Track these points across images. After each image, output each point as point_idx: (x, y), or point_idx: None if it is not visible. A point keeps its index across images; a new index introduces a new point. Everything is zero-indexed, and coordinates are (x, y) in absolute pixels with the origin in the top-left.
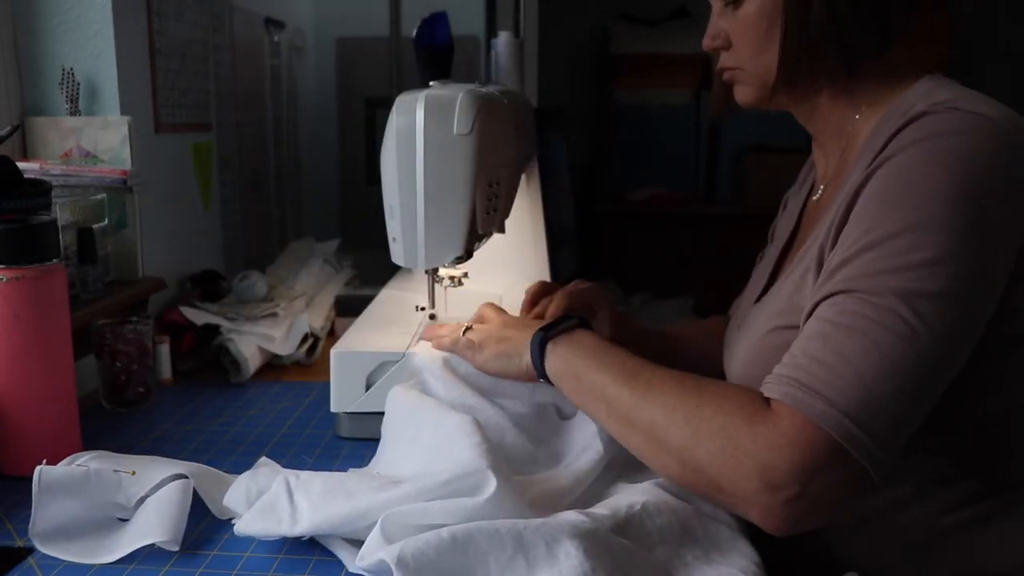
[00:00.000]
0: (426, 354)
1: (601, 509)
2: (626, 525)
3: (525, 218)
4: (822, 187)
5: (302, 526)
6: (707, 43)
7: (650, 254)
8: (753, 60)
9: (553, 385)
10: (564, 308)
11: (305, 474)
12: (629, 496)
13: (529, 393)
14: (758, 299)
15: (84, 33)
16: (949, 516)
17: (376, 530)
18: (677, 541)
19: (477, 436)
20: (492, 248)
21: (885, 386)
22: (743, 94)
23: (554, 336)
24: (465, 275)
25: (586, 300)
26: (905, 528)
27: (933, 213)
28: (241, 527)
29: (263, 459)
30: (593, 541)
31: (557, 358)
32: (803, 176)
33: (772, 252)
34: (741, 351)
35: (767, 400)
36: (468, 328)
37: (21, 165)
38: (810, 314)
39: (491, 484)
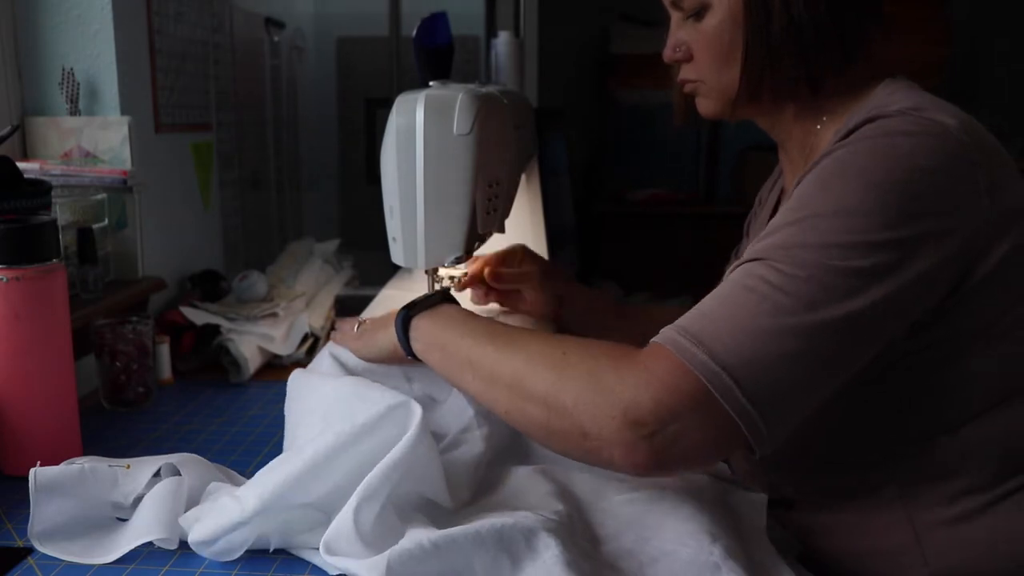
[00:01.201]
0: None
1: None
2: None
3: (525, 218)
4: (790, 193)
5: (251, 503)
6: (667, 55)
7: (650, 254)
8: (715, 74)
9: (421, 362)
10: (479, 274)
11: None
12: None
13: (407, 386)
14: None
15: (84, 33)
16: (932, 514)
17: (349, 516)
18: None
19: (379, 384)
20: (492, 248)
21: (773, 349)
22: (705, 107)
23: (417, 313)
24: (465, 275)
25: (514, 279)
26: (888, 527)
27: (863, 203)
28: (195, 536)
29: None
30: (563, 535)
31: (421, 333)
32: (772, 181)
33: (741, 248)
34: None
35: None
36: (363, 323)
37: (21, 165)
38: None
39: (416, 412)
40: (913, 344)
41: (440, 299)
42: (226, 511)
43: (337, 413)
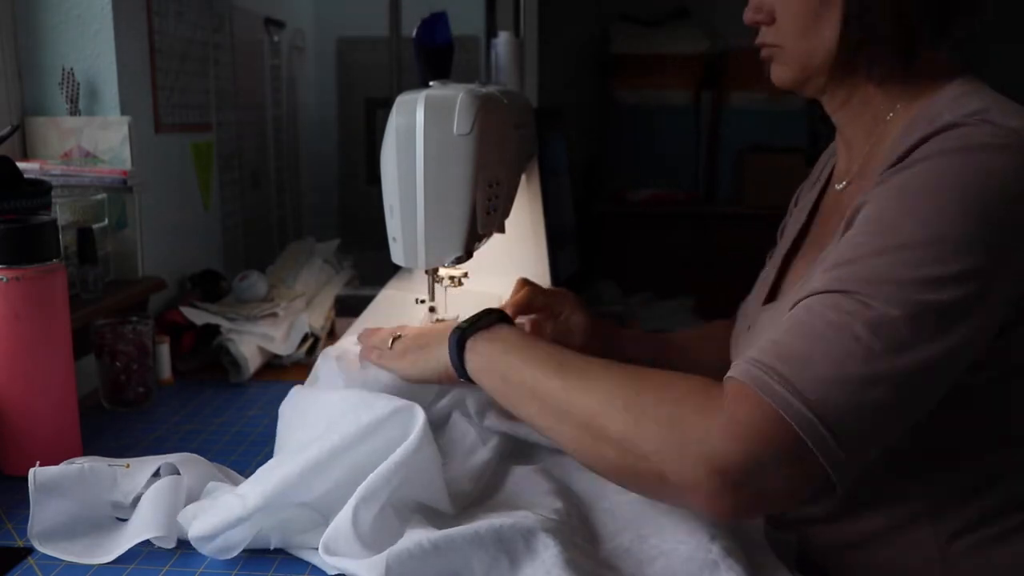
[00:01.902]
0: (329, 364)
1: (543, 511)
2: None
3: (525, 218)
4: (845, 181)
5: (253, 500)
6: (748, 16)
7: (650, 254)
8: (797, 40)
9: (475, 384)
10: (521, 305)
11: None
12: (554, 500)
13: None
14: (767, 300)
15: (84, 33)
16: (959, 537)
17: (348, 517)
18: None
19: (385, 395)
20: (492, 248)
21: (868, 396)
22: (780, 74)
23: (473, 333)
24: (465, 275)
25: (546, 303)
26: (912, 549)
27: (953, 230)
28: (195, 531)
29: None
30: (561, 535)
31: (477, 355)
32: (817, 171)
33: (780, 250)
34: None
35: (722, 386)
36: (397, 338)
37: (21, 165)
38: (798, 304)
39: (419, 416)
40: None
41: (497, 318)
42: (228, 507)
43: (342, 419)
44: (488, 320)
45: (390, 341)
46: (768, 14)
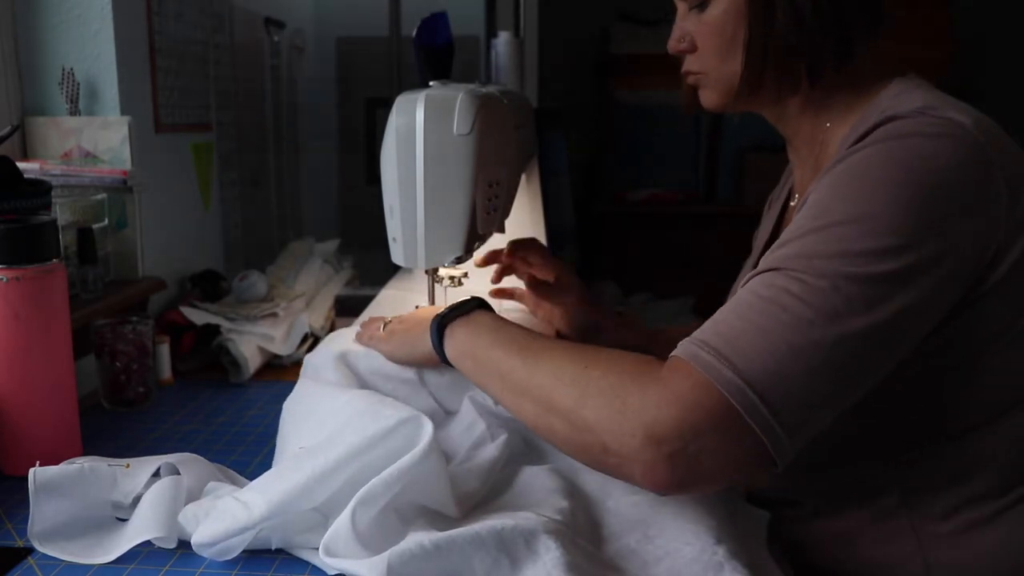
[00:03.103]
0: (322, 353)
1: (548, 511)
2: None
3: (525, 218)
4: (797, 195)
5: (259, 510)
6: (672, 46)
7: (650, 254)
8: (718, 65)
9: (454, 367)
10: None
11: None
12: (559, 499)
13: (422, 391)
14: None
15: (84, 33)
16: (936, 526)
17: (347, 518)
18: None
19: (389, 399)
20: (492, 248)
21: (798, 364)
22: (708, 98)
23: (452, 320)
24: (465, 275)
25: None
26: (890, 536)
27: (885, 208)
28: (198, 538)
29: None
30: (563, 537)
31: (455, 340)
32: (784, 180)
33: (751, 259)
34: None
35: (658, 362)
36: (388, 323)
37: (21, 165)
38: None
39: (427, 428)
40: (921, 351)
41: (475, 305)
42: (232, 515)
43: (347, 428)
44: (467, 307)
45: (381, 326)
46: (690, 43)
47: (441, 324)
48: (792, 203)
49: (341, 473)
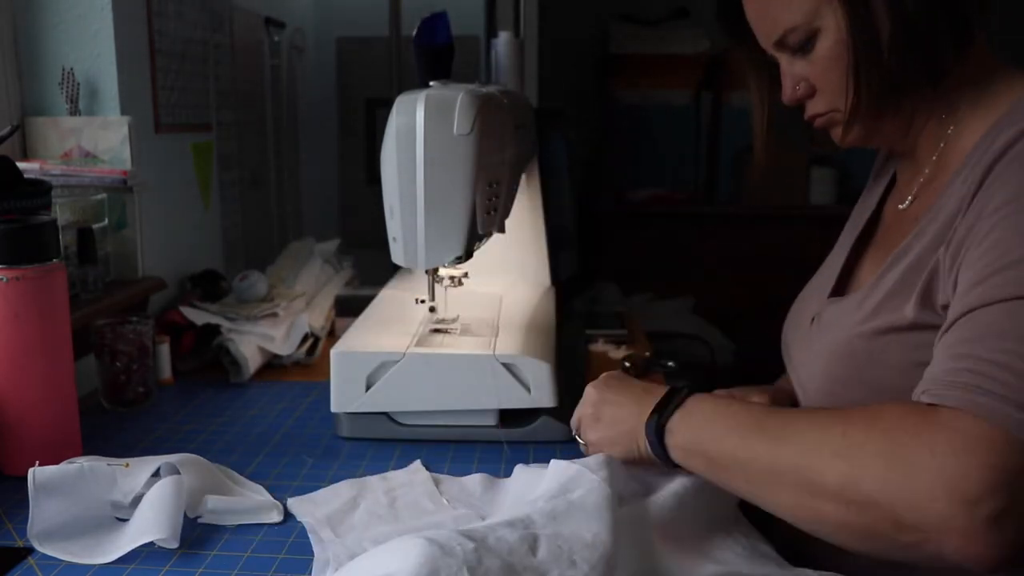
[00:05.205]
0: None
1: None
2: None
3: (525, 218)
4: (910, 198)
5: None
6: (789, 96)
7: (650, 254)
8: (844, 99)
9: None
10: None
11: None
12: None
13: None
14: (833, 293)
15: (84, 33)
16: None
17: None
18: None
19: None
20: (492, 248)
21: None
22: (846, 135)
23: (669, 416)
24: (465, 275)
25: None
26: None
27: None
28: None
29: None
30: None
31: (678, 440)
32: (877, 170)
33: (843, 245)
34: (819, 352)
35: (927, 405)
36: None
37: (21, 165)
38: (954, 322)
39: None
40: None
41: (686, 393)
42: None
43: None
44: (679, 396)
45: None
46: (807, 88)
47: (659, 426)
48: (901, 206)
49: None
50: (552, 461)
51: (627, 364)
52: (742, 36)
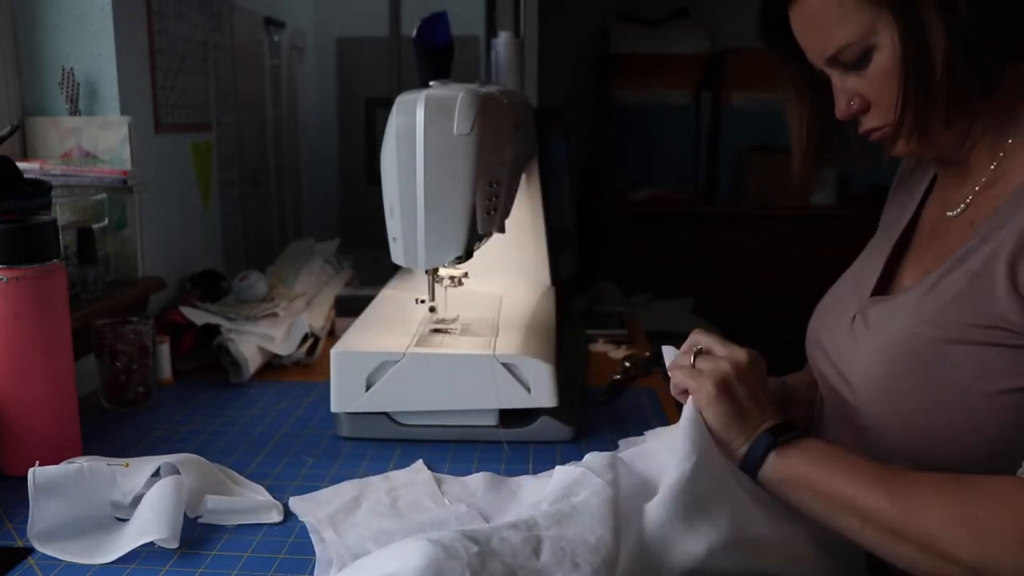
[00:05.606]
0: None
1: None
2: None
3: (525, 218)
4: (962, 205)
5: None
6: (843, 112)
7: (650, 254)
8: (901, 112)
9: (759, 483)
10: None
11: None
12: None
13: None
14: (875, 292)
15: (84, 33)
16: None
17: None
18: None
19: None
20: (492, 248)
21: None
22: (902, 147)
23: (786, 442)
24: (465, 275)
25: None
26: None
27: None
28: None
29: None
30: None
31: (787, 463)
32: (909, 173)
33: (883, 243)
34: (874, 350)
35: None
36: (699, 352)
37: (21, 165)
38: None
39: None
40: None
41: (800, 432)
42: None
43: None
44: (797, 431)
45: (691, 357)
46: (861, 103)
47: (771, 445)
48: (950, 213)
49: None
50: (556, 468)
51: (627, 364)
52: (787, 52)
